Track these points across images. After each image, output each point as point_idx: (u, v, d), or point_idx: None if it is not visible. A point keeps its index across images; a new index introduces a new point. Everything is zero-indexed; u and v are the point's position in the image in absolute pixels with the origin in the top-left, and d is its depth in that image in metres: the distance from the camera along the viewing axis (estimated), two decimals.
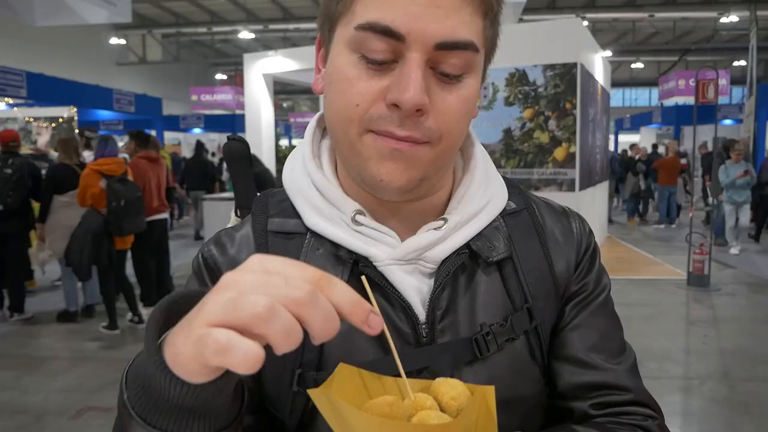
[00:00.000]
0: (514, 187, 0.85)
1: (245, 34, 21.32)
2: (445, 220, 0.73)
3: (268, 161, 10.33)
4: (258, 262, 0.46)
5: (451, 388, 0.55)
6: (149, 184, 5.89)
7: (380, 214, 0.74)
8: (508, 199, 0.81)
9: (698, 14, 20.08)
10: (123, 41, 22.44)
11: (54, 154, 7.60)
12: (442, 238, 0.72)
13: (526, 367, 0.74)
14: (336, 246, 0.72)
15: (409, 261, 0.71)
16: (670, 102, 20.51)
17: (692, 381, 4.41)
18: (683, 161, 12.74)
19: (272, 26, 21.82)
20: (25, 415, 3.95)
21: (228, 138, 0.88)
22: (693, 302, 6.62)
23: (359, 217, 0.71)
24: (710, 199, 9.57)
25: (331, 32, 0.68)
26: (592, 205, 8.96)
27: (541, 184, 7.61)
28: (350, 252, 0.71)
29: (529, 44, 7.53)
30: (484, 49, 0.68)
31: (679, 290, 7.01)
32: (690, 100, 8.96)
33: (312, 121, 0.81)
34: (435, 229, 0.72)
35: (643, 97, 34.79)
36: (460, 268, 0.74)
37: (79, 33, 18.14)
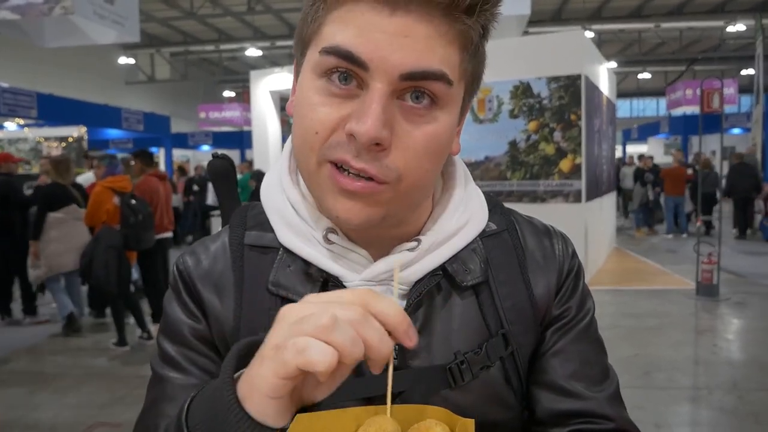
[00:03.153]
0: (496, 206, 0.82)
1: (252, 52, 21.49)
2: (419, 241, 0.71)
3: None
4: (313, 296, 0.51)
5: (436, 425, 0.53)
6: (161, 201, 5.98)
7: (354, 233, 0.71)
8: (489, 220, 0.78)
9: (704, 24, 20.07)
10: (132, 60, 22.69)
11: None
12: (415, 260, 0.70)
13: (500, 393, 0.73)
14: (307, 263, 0.71)
15: (380, 282, 0.70)
16: (677, 112, 20.47)
17: (701, 391, 4.38)
18: (689, 171, 12.70)
19: (279, 43, 21.99)
20: None
21: (212, 156, 0.88)
22: (702, 312, 6.59)
23: (331, 236, 0.70)
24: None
25: (302, 56, 0.67)
26: (599, 216, 8.94)
27: (548, 195, 7.62)
28: (321, 270, 0.70)
29: (532, 57, 7.58)
30: (463, 82, 0.66)
31: (687, 300, 6.97)
32: (698, 109, 9.01)
33: (290, 137, 0.80)
34: (408, 250, 0.70)
35: (650, 107, 34.71)
36: (435, 290, 0.72)
37: (88, 53, 18.37)
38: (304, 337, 0.46)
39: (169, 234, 6.21)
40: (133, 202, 5.32)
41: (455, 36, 0.61)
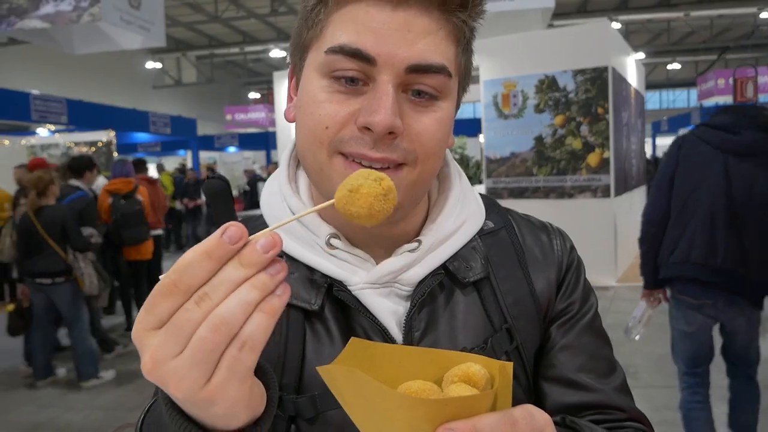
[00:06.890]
0: (492, 205, 0.84)
1: (276, 53, 21.66)
2: (420, 242, 0.72)
3: None
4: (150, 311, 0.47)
5: (477, 369, 0.53)
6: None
7: (356, 237, 0.73)
8: (486, 218, 0.80)
9: (736, 11, 19.58)
10: (159, 65, 23.04)
11: None
12: (417, 260, 0.72)
13: None
14: (311, 270, 0.72)
15: (384, 284, 0.71)
16: (709, 102, 20.01)
17: None
18: None
19: None
20: None
21: (208, 177, 0.90)
22: None
23: (334, 241, 0.71)
24: None
25: (302, 60, 0.69)
26: (629, 211, 8.77)
27: (575, 191, 7.49)
28: (325, 276, 0.71)
29: (557, 50, 7.48)
30: (458, 76, 0.69)
31: None
32: (731, 99, 8.70)
33: (289, 145, 0.81)
34: (409, 251, 0.72)
35: (681, 99, 34.05)
36: (438, 289, 0.73)
37: (116, 59, 18.69)
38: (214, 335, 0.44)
39: (157, 231, 6.72)
40: (118, 202, 5.64)
41: (450, 30, 0.65)
